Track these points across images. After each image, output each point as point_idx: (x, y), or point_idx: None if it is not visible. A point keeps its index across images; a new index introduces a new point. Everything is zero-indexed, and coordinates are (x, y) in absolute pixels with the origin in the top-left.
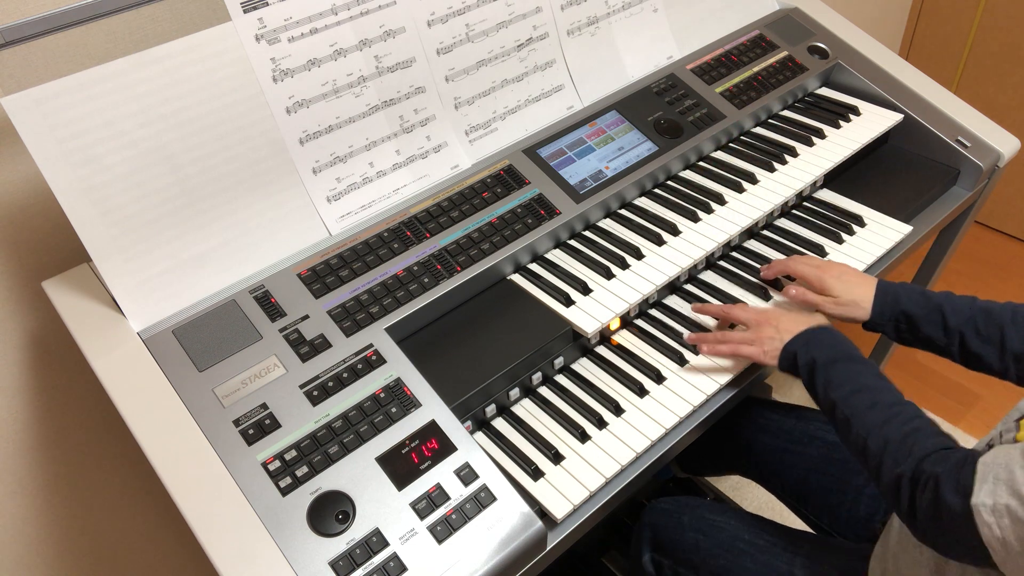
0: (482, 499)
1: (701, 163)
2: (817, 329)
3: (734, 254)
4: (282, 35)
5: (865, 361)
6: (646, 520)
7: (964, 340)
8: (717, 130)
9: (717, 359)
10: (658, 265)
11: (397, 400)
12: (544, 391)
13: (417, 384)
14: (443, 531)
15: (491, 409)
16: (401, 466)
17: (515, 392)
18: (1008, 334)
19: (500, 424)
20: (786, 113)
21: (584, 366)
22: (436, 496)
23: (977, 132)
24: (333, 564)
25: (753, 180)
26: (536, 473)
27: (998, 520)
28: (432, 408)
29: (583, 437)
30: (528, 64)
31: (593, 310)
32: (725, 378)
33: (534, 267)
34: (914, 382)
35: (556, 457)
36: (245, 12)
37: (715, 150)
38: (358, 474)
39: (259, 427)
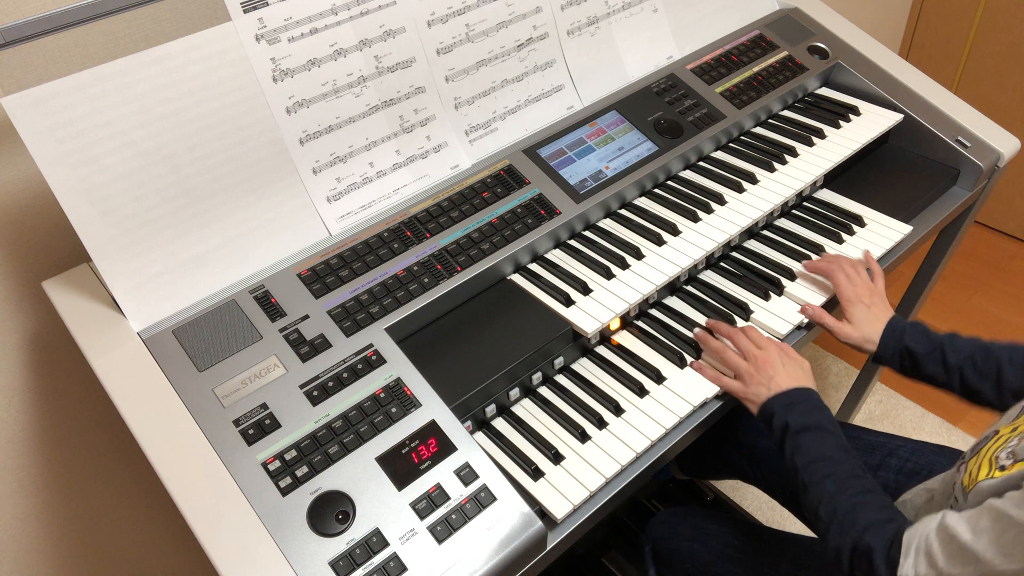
0: (482, 499)
1: (701, 163)
2: (801, 392)
3: (734, 254)
4: (282, 35)
5: (833, 432)
6: (649, 535)
7: (963, 376)
8: (717, 130)
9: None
10: (658, 265)
11: (397, 400)
12: (544, 391)
13: (417, 384)
14: (443, 531)
15: (491, 409)
16: (401, 466)
17: (515, 392)
18: (1005, 372)
19: (500, 424)
20: (786, 113)
21: (584, 366)
22: (436, 496)
23: (977, 132)
24: (333, 564)
25: (753, 180)
26: (536, 473)
27: None
28: (432, 408)
29: (583, 437)
30: (528, 64)
31: (593, 310)
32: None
33: (534, 267)
34: (914, 382)
35: (556, 457)
36: (245, 12)
37: (715, 150)
38: (358, 474)
39: (259, 427)
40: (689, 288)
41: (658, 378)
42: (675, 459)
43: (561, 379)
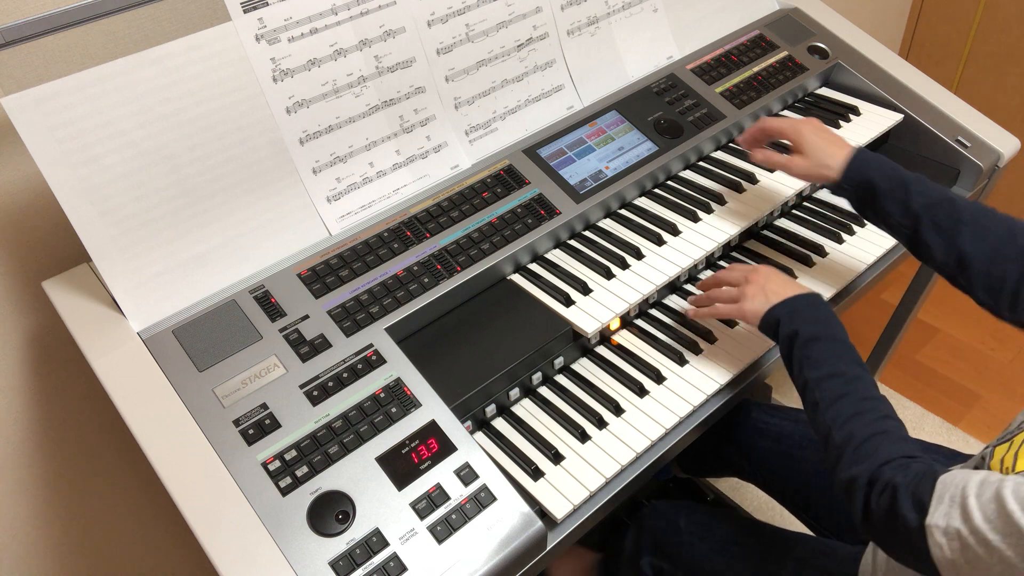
0: (482, 499)
1: (701, 163)
2: (806, 297)
3: (734, 254)
4: (282, 35)
5: (847, 344)
6: (644, 523)
7: (919, 225)
8: (717, 130)
9: (719, 353)
10: (658, 265)
11: (397, 400)
12: (544, 391)
13: (417, 384)
14: (443, 531)
15: (491, 409)
16: (401, 466)
17: (515, 392)
18: (963, 231)
19: (500, 424)
20: (786, 113)
21: (584, 366)
22: (436, 496)
23: (977, 132)
24: (333, 564)
25: (753, 180)
26: (536, 473)
27: (949, 543)
28: (432, 408)
29: (583, 437)
30: (528, 64)
31: (593, 310)
32: (725, 378)
33: (534, 267)
34: (914, 382)
35: (556, 457)
36: (245, 12)
37: (715, 150)
38: (358, 474)
39: (259, 427)
40: (689, 288)
41: (658, 378)
42: (675, 458)
43: (561, 379)
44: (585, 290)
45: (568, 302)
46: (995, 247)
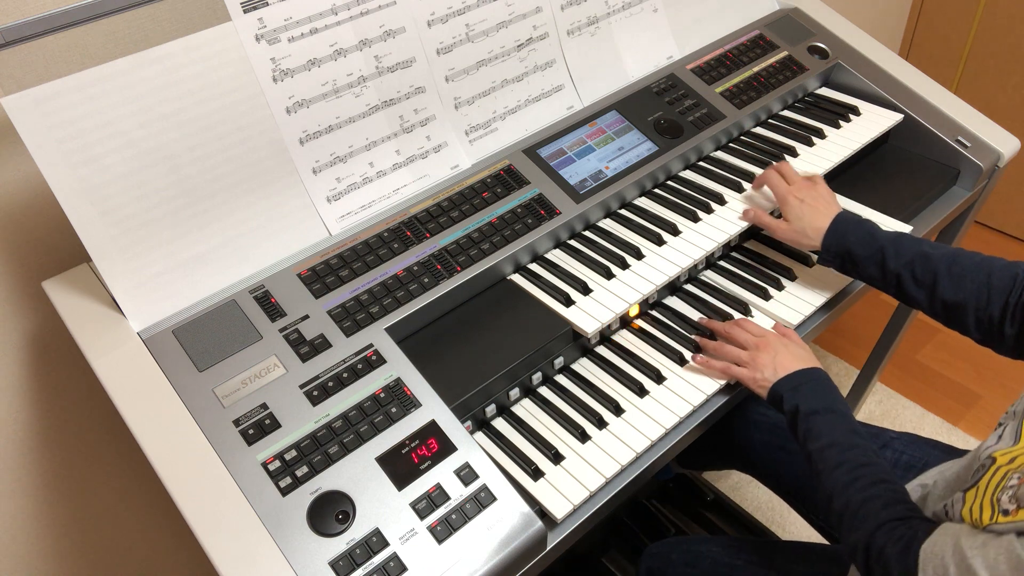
0: (482, 499)
1: (701, 163)
2: (808, 373)
3: (734, 254)
4: (282, 35)
5: (845, 415)
6: (643, 567)
7: (900, 282)
8: (717, 130)
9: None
10: (658, 265)
11: (397, 400)
12: (544, 391)
13: (417, 384)
14: (443, 531)
15: (491, 409)
16: (401, 466)
17: (515, 392)
18: (941, 282)
19: (500, 424)
20: (786, 113)
21: (584, 366)
22: (436, 496)
23: (977, 132)
24: (333, 564)
25: (753, 180)
26: (536, 473)
27: None
28: (432, 408)
29: (583, 437)
30: (528, 64)
31: (593, 310)
32: (725, 378)
33: (534, 267)
34: (914, 382)
35: (556, 457)
36: (245, 12)
37: (715, 150)
38: (358, 474)
39: (259, 427)
40: (689, 288)
41: (658, 378)
42: None
43: (561, 379)
44: (585, 290)
45: (568, 302)
46: (974, 292)
